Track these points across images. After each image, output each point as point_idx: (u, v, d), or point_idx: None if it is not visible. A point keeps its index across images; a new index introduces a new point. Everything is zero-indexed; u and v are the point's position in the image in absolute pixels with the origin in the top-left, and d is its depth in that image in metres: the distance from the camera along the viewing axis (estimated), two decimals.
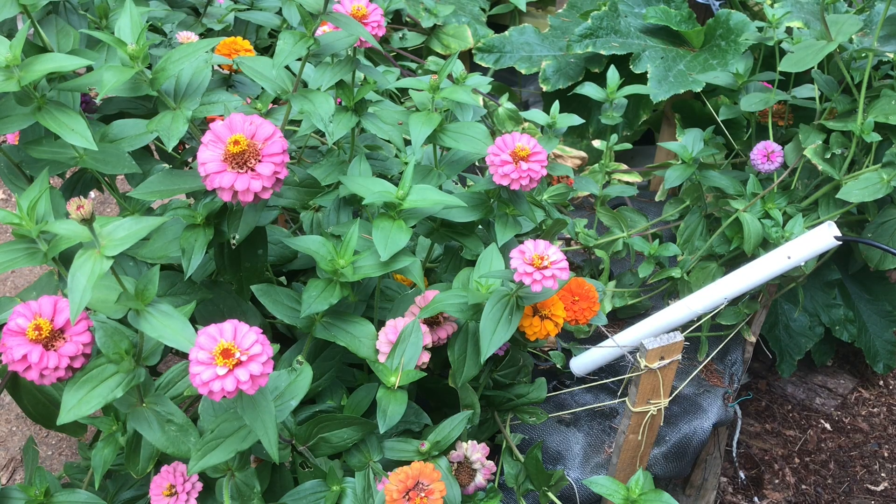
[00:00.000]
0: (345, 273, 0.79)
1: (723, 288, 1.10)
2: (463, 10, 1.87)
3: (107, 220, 0.65)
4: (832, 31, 1.14)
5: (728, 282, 1.10)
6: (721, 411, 1.22)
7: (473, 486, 0.89)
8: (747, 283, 1.09)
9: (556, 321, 0.87)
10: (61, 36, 0.91)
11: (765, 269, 1.08)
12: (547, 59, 1.72)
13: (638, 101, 1.70)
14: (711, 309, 1.12)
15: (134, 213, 0.91)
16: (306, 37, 0.85)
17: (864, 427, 1.81)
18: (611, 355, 1.16)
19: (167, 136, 0.77)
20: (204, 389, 0.60)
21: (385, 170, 0.99)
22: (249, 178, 0.71)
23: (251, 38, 1.34)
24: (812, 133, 1.25)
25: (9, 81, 0.73)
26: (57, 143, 0.83)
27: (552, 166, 1.07)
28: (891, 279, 1.69)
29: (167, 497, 0.78)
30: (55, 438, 1.67)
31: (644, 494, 0.83)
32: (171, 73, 0.78)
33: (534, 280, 0.76)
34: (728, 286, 1.10)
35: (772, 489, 1.66)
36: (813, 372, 1.87)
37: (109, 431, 0.81)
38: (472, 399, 0.92)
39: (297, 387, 0.77)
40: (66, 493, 0.82)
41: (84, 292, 0.62)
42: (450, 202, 0.83)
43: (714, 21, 1.64)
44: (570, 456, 1.12)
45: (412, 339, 0.82)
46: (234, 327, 0.62)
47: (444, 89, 0.92)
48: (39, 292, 0.88)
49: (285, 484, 0.86)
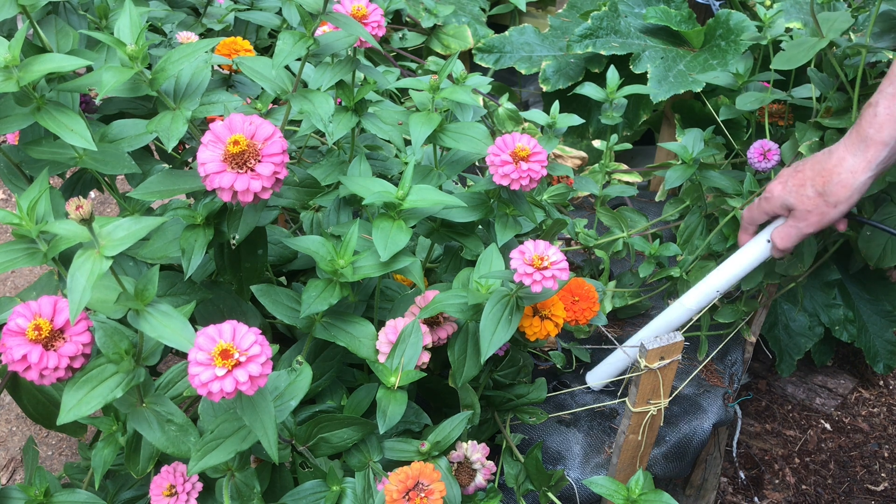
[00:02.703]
0: (345, 273, 0.79)
1: (713, 282, 1.10)
2: (463, 10, 1.87)
3: (106, 220, 0.65)
4: (823, 28, 1.14)
5: (717, 275, 1.10)
6: (721, 411, 1.22)
7: (473, 487, 0.89)
8: (735, 273, 1.09)
9: (557, 321, 0.87)
10: (61, 36, 0.91)
11: (749, 257, 1.08)
12: (547, 60, 1.72)
13: (638, 102, 1.70)
14: (706, 304, 1.13)
15: (134, 213, 0.91)
16: (306, 37, 0.85)
17: (864, 427, 1.81)
18: (624, 363, 1.16)
19: (167, 137, 0.77)
20: (203, 390, 0.60)
21: (385, 170, 0.99)
22: (249, 178, 0.71)
23: (251, 38, 1.34)
24: (808, 131, 1.25)
25: (8, 82, 0.73)
26: (56, 143, 0.83)
27: (552, 166, 1.07)
28: (891, 279, 1.69)
29: (167, 497, 0.78)
30: (55, 438, 1.67)
31: (644, 494, 0.83)
32: (171, 73, 0.78)
33: (534, 280, 0.76)
34: (718, 279, 1.10)
35: (772, 489, 1.66)
36: (813, 372, 1.87)
37: (109, 431, 0.81)
38: (472, 399, 0.92)
39: (296, 387, 0.77)
40: (66, 493, 0.82)
41: (83, 292, 0.62)
42: (450, 202, 0.83)
43: (714, 21, 1.64)
44: (571, 456, 1.12)
45: (412, 340, 0.82)
46: (232, 328, 0.62)
47: (444, 89, 0.92)
48: (39, 292, 0.89)
49: (285, 484, 0.86)
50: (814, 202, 0.93)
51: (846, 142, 0.89)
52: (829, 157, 0.91)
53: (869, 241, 1.23)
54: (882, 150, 0.85)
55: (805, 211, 0.95)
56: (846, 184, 0.89)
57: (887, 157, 0.86)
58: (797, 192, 0.95)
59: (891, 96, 0.84)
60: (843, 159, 0.89)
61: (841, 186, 0.89)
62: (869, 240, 1.23)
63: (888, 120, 0.84)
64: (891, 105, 0.83)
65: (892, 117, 0.84)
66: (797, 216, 0.97)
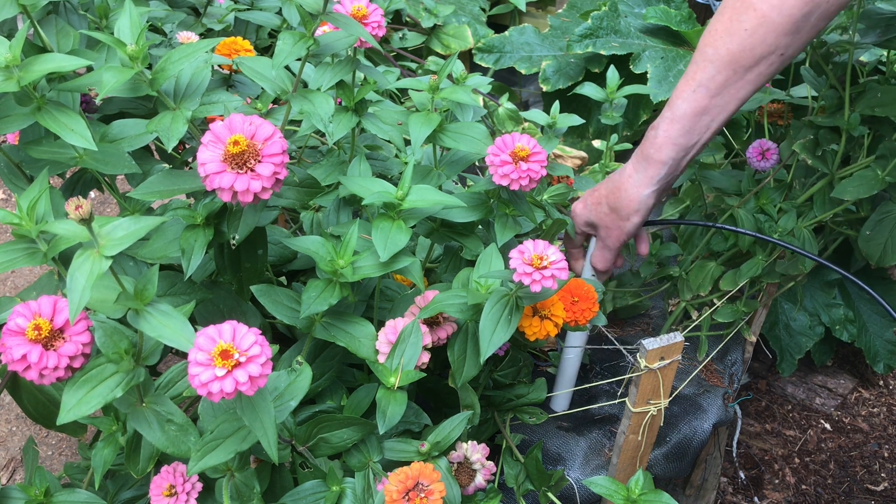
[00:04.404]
0: (344, 273, 0.79)
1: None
2: (463, 10, 1.87)
3: (106, 219, 0.65)
4: None
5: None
6: (721, 411, 1.22)
7: (473, 487, 0.89)
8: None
9: (556, 321, 0.87)
10: (61, 36, 0.91)
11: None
12: (547, 59, 1.72)
13: (638, 101, 1.70)
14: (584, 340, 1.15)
15: (134, 213, 0.91)
16: (306, 37, 0.85)
17: (864, 427, 1.81)
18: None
19: (167, 137, 0.77)
20: (203, 391, 0.60)
21: (385, 170, 0.99)
22: (249, 178, 0.71)
23: (251, 38, 1.34)
24: (803, 129, 1.26)
25: (8, 81, 0.73)
26: (57, 143, 0.83)
27: (552, 166, 1.07)
28: (893, 278, 1.69)
29: (167, 497, 0.78)
30: (55, 438, 1.67)
31: (644, 495, 0.83)
32: (171, 73, 0.78)
33: (533, 280, 0.76)
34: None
35: (772, 489, 1.66)
36: (813, 372, 1.87)
37: (109, 431, 0.81)
38: (472, 399, 0.92)
39: (296, 387, 0.77)
40: (66, 493, 0.82)
41: (83, 292, 0.62)
42: (450, 202, 0.83)
43: None
44: (570, 457, 1.12)
45: (412, 340, 0.82)
46: (232, 328, 0.62)
47: (444, 89, 0.92)
48: (39, 292, 0.89)
49: (285, 484, 0.86)
50: (610, 217, 1.00)
51: (633, 160, 0.97)
52: (620, 173, 0.99)
53: (869, 240, 1.23)
54: (662, 168, 0.94)
55: (605, 227, 1.01)
56: (633, 198, 0.97)
57: (667, 174, 0.95)
58: (596, 210, 1.02)
59: (669, 121, 0.92)
60: (630, 176, 0.97)
61: (629, 200, 0.97)
62: (869, 239, 1.23)
63: (666, 141, 0.92)
64: (669, 129, 0.92)
65: (669, 140, 0.92)
66: (601, 234, 1.03)
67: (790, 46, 0.85)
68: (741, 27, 0.85)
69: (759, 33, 0.84)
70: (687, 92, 0.90)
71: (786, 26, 0.83)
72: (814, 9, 0.82)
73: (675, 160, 0.94)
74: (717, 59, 0.87)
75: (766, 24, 0.83)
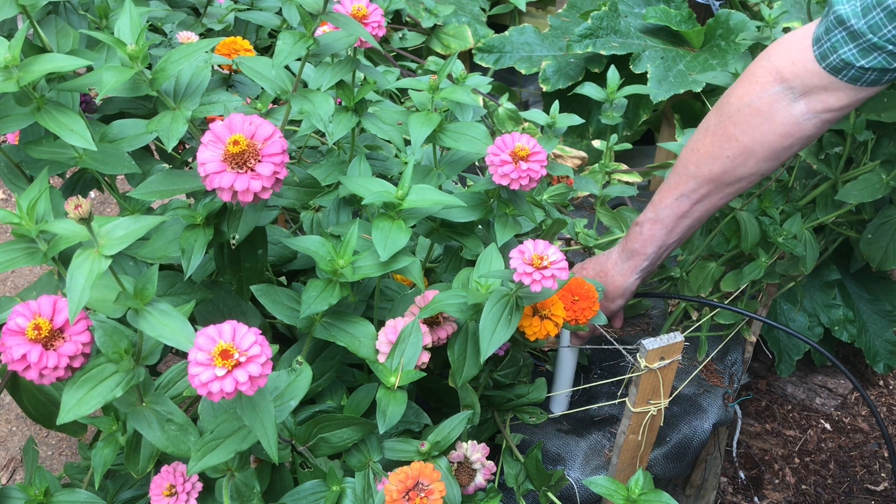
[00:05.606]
0: (344, 273, 0.79)
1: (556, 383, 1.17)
2: (463, 10, 1.87)
3: (105, 219, 0.65)
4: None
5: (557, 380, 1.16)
6: (721, 411, 1.22)
7: (473, 487, 0.89)
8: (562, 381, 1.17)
9: (556, 321, 0.87)
10: (61, 36, 0.91)
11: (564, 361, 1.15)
12: (547, 59, 1.73)
13: (638, 101, 1.70)
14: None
15: (134, 212, 0.91)
16: (306, 37, 0.85)
17: (864, 427, 1.81)
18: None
19: (167, 137, 0.77)
20: (203, 391, 0.60)
21: (385, 170, 0.99)
22: (249, 178, 0.71)
23: (251, 38, 1.34)
24: None
25: (8, 82, 0.73)
26: (57, 143, 0.83)
27: (552, 166, 1.07)
28: (892, 278, 1.69)
29: (167, 497, 0.78)
30: (55, 438, 1.67)
31: (644, 494, 0.83)
32: (171, 73, 0.78)
33: (533, 280, 0.76)
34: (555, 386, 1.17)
35: (772, 489, 1.66)
36: (813, 372, 1.87)
37: (109, 431, 0.81)
38: (472, 399, 0.92)
39: (296, 387, 0.77)
40: (66, 493, 0.82)
41: (83, 292, 0.62)
42: (449, 202, 0.83)
43: (714, 21, 1.64)
44: (571, 457, 1.12)
45: (412, 340, 0.82)
46: (232, 328, 0.62)
47: (444, 89, 0.92)
48: (39, 292, 0.88)
49: (285, 484, 0.86)
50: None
51: (619, 249, 1.08)
52: (606, 259, 1.09)
53: (870, 243, 1.23)
54: (645, 261, 1.05)
55: None
56: (618, 284, 1.08)
57: (650, 264, 1.06)
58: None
59: (652, 222, 1.02)
60: (616, 263, 1.08)
61: (614, 286, 1.08)
62: (870, 242, 1.23)
63: (650, 239, 1.03)
64: (652, 228, 1.02)
65: (652, 238, 1.03)
66: None
67: (770, 168, 0.94)
68: (723, 154, 0.93)
69: (740, 160, 0.93)
70: (670, 199, 0.99)
71: (766, 154, 0.92)
72: (794, 142, 0.90)
73: (656, 254, 1.04)
74: (699, 177, 0.96)
75: (748, 153, 0.92)
